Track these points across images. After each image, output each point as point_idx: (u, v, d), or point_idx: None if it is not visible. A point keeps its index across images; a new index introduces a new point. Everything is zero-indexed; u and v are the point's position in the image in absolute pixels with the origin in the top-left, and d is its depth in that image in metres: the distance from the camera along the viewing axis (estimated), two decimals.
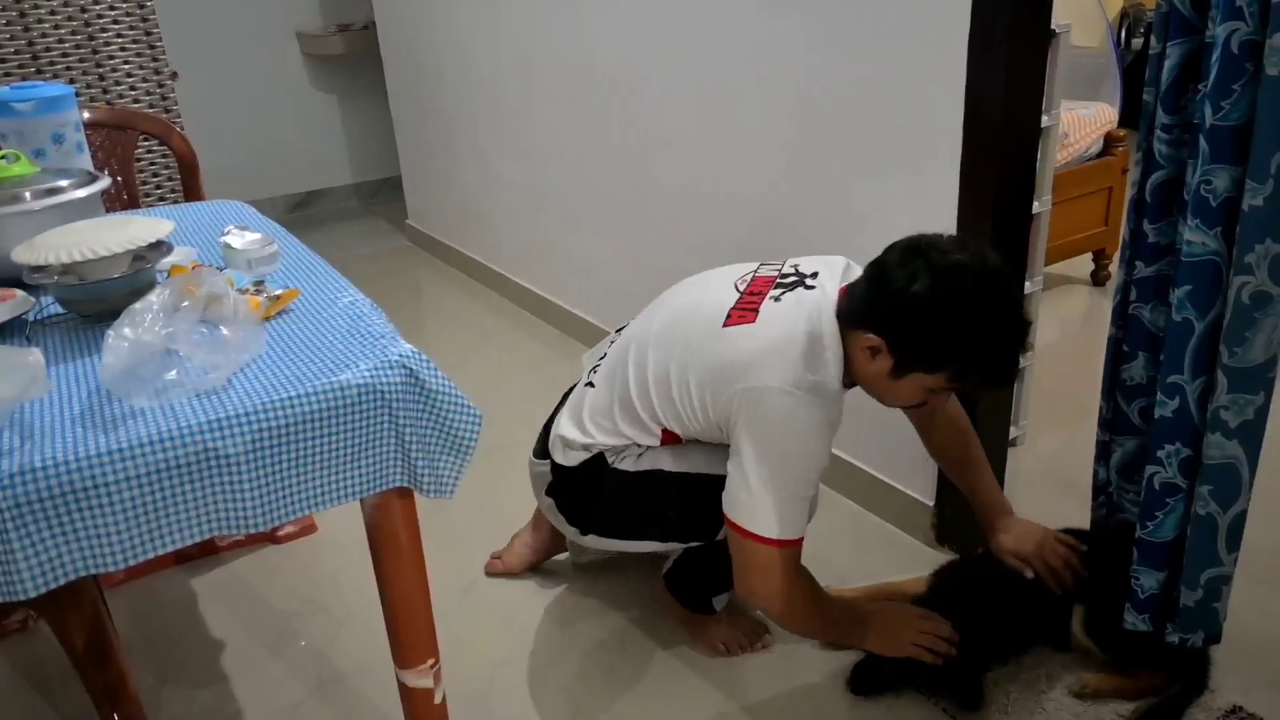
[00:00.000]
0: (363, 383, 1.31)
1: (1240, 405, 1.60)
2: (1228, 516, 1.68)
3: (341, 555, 2.44)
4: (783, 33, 2.36)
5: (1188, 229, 1.58)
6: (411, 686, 1.58)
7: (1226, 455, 1.63)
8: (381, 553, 1.49)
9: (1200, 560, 1.72)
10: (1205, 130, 1.51)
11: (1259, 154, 1.46)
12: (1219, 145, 1.51)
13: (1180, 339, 1.64)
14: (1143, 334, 1.80)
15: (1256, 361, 1.57)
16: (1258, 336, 1.55)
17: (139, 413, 1.24)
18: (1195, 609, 1.75)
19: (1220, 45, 1.46)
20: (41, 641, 2.16)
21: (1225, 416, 1.61)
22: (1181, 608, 1.76)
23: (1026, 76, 1.99)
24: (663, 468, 1.91)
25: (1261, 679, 1.90)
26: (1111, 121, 3.72)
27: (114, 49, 2.95)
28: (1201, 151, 1.53)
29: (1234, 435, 1.62)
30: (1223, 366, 1.58)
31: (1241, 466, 1.64)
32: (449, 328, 3.96)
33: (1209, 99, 1.49)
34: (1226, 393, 1.59)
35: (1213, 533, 1.69)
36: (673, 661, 2.05)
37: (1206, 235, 1.56)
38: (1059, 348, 3.37)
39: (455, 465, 1.43)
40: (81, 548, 1.17)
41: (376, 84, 4.93)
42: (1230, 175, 1.52)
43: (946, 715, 1.87)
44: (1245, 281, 1.52)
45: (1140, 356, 1.82)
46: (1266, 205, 1.47)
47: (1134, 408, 1.86)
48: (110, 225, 1.63)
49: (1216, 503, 1.67)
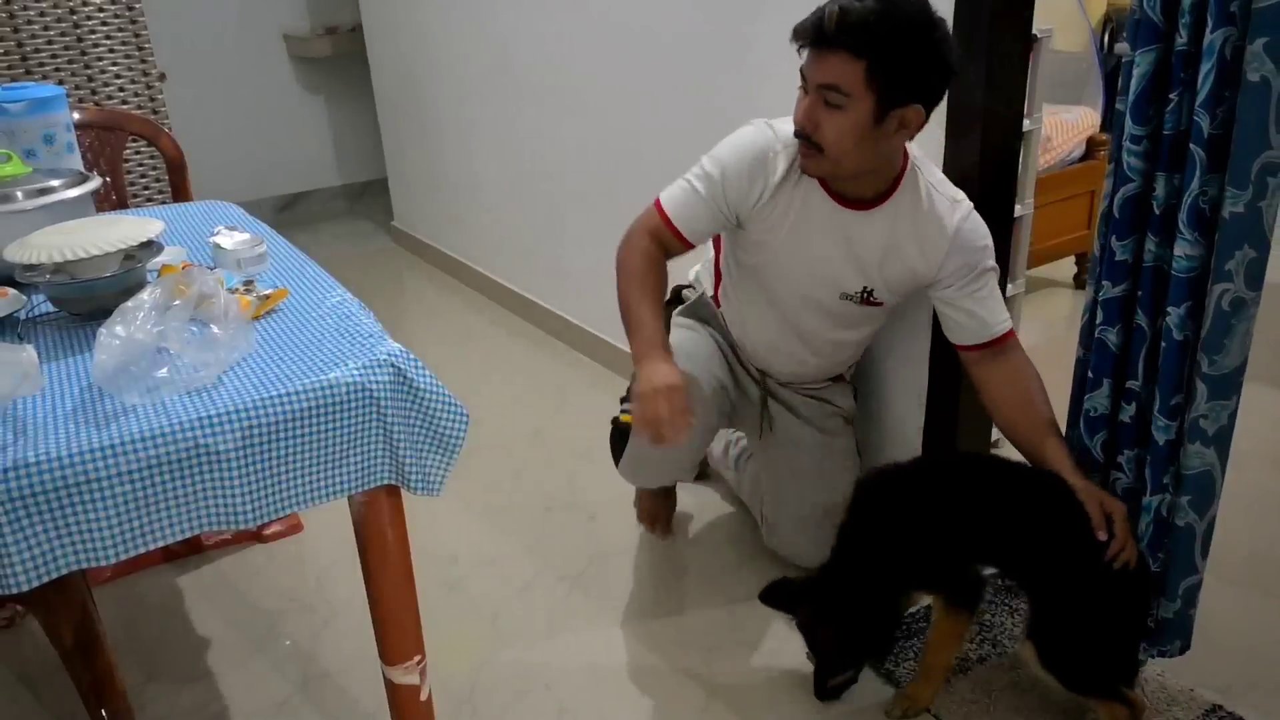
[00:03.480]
0: (351, 381, 1.33)
1: (1216, 412, 1.60)
2: (1203, 523, 1.68)
3: (327, 554, 2.45)
4: (764, 36, 2.38)
5: (1183, 243, 1.55)
6: (397, 683, 1.59)
7: (1205, 463, 1.63)
8: (368, 549, 1.51)
9: (1180, 571, 1.72)
10: (1202, 140, 1.49)
11: (1239, 160, 1.45)
12: (1216, 155, 1.49)
13: (1179, 360, 1.61)
14: (1107, 359, 1.76)
15: (1233, 367, 1.57)
16: (1234, 343, 1.55)
17: (130, 409, 1.25)
18: (1174, 620, 1.75)
19: (1215, 53, 1.44)
20: (29, 638, 2.16)
21: (1204, 425, 1.60)
22: (1160, 620, 1.76)
23: (1008, 81, 2.01)
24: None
25: (1239, 679, 1.92)
26: (1094, 126, 3.75)
27: (103, 50, 2.95)
28: (1197, 161, 1.50)
29: (1211, 443, 1.61)
30: (1202, 375, 1.57)
31: (1216, 472, 1.64)
32: (433, 328, 3.97)
33: (1203, 108, 1.47)
34: (1206, 401, 1.58)
35: (1190, 542, 1.69)
36: (656, 660, 2.07)
37: (1204, 248, 1.54)
38: (1041, 351, 3.35)
39: (442, 463, 1.45)
40: (74, 542, 1.19)
41: (363, 86, 4.93)
42: (1222, 184, 1.50)
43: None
44: (1225, 289, 1.52)
45: (1104, 384, 1.77)
46: (1246, 212, 1.46)
47: (1096, 441, 1.82)
48: (101, 225, 1.64)
49: (1194, 512, 1.66)
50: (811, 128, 1.72)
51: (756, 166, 1.87)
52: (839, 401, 2.24)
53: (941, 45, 1.67)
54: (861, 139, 1.71)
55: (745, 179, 1.87)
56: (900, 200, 1.87)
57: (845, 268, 1.94)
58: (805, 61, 1.70)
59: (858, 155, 1.75)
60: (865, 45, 1.62)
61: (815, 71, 1.68)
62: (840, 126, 1.70)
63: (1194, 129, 1.50)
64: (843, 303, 1.99)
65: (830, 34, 1.62)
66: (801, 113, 1.73)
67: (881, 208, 1.87)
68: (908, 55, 1.65)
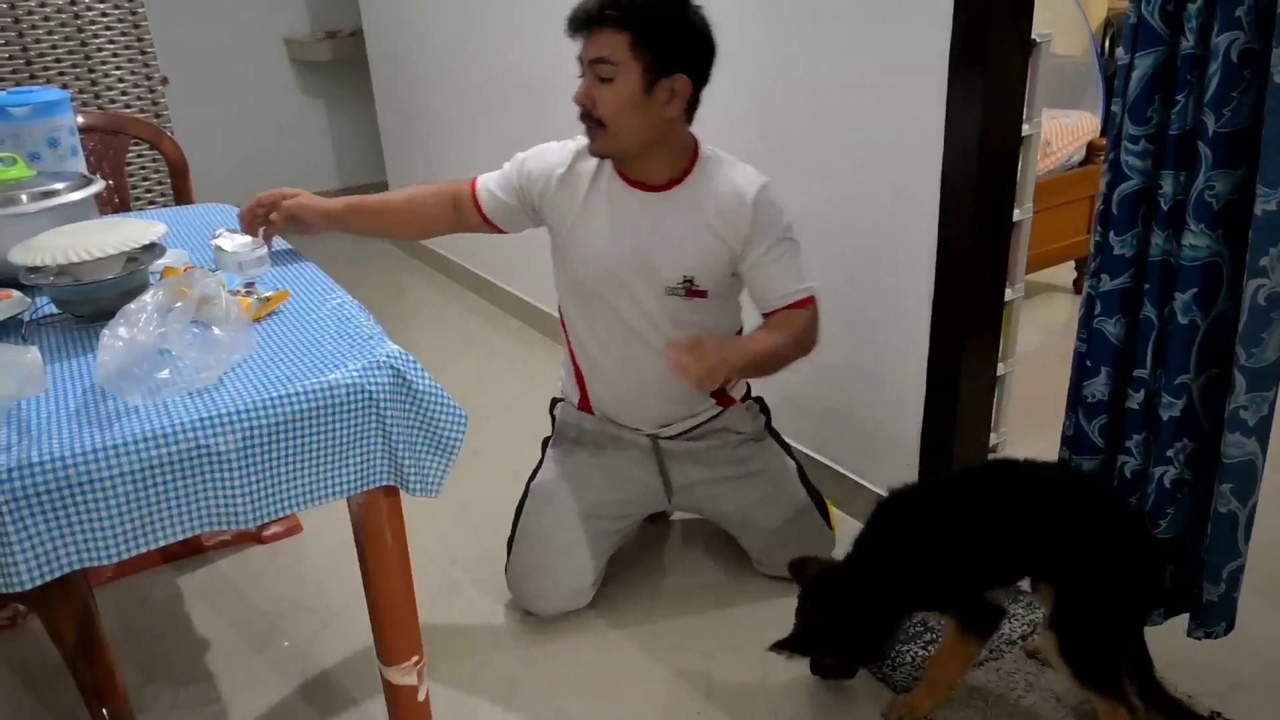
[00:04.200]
0: (351, 382, 1.34)
1: (1257, 404, 1.64)
2: (1245, 509, 1.72)
3: (325, 555, 2.46)
4: (762, 43, 2.39)
5: (1190, 234, 1.60)
6: (395, 684, 1.60)
7: (1246, 453, 1.67)
8: (367, 550, 1.52)
9: (1223, 555, 1.76)
10: (1207, 138, 1.55)
11: (1270, 159, 1.49)
12: (1221, 152, 1.55)
13: (1186, 341, 1.67)
14: (1106, 348, 1.81)
15: (1271, 360, 1.61)
16: (1273, 337, 1.59)
17: (133, 410, 1.27)
18: (1218, 603, 1.79)
19: (1221, 55, 1.50)
20: (30, 637, 2.17)
21: (1244, 416, 1.64)
22: (1205, 604, 1.80)
23: (1008, 85, 2.02)
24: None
25: (1239, 684, 1.92)
26: (1094, 130, 3.75)
27: (106, 55, 2.97)
28: (1204, 158, 1.56)
29: (1252, 433, 1.66)
30: (1240, 368, 1.61)
31: (1258, 461, 1.69)
32: (431, 330, 3.98)
33: (1209, 107, 1.53)
34: (1245, 393, 1.63)
35: (1233, 527, 1.73)
36: (653, 664, 2.08)
37: (1210, 238, 1.60)
38: (1040, 356, 3.40)
39: (441, 464, 1.46)
40: (76, 541, 1.20)
41: (363, 90, 4.95)
42: (1231, 180, 1.56)
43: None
44: (1260, 284, 1.56)
45: (1102, 372, 1.82)
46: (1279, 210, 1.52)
47: (1094, 426, 1.87)
48: (104, 227, 1.66)
49: (1237, 499, 1.71)
50: (590, 103, 1.86)
51: (552, 151, 2.07)
52: (740, 427, 2.22)
53: (696, 19, 1.86)
54: (636, 107, 1.84)
55: (540, 159, 2.06)
56: (698, 178, 1.97)
57: (659, 254, 1.97)
58: (580, 49, 1.86)
59: (637, 125, 1.87)
60: (629, 18, 1.79)
61: (587, 50, 1.84)
62: (615, 96, 1.83)
63: (1201, 128, 1.56)
64: (669, 299, 2.00)
65: (596, 14, 1.80)
66: (580, 92, 1.87)
67: (681, 186, 1.96)
68: (667, 25, 1.82)
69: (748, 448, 2.22)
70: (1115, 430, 1.86)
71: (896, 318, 2.24)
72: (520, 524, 2.21)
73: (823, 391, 2.50)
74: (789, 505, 2.22)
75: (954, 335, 2.15)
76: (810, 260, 1.99)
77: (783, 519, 2.20)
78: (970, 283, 2.11)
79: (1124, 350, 1.80)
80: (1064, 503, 1.77)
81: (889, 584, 1.79)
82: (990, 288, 2.17)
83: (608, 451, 2.22)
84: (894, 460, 2.34)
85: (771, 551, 2.23)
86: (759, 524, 2.22)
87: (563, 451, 2.26)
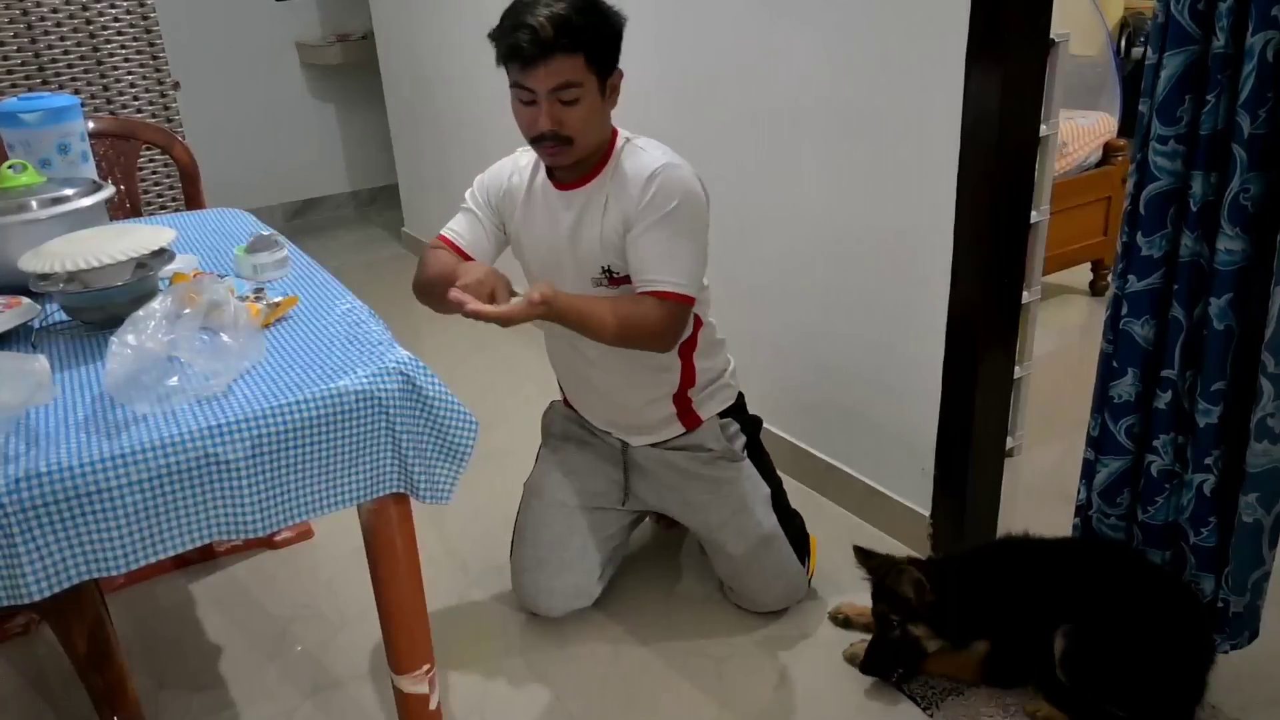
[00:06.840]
0: (360, 389, 1.33)
1: None
2: (1270, 518, 1.71)
3: (338, 561, 2.45)
4: (779, 42, 2.38)
5: (1225, 238, 1.59)
6: (407, 692, 1.59)
7: (1272, 460, 1.65)
8: (378, 558, 1.50)
9: (1249, 564, 1.75)
10: (1241, 139, 1.53)
11: None
12: (1257, 153, 1.53)
13: (1222, 347, 1.66)
14: (1134, 350, 1.80)
15: None
16: None
17: (141, 419, 1.26)
18: (1244, 613, 1.79)
19: (1256, 55, 1.48)
20: (43, 645, 2.17)
21: (1271, 424, 1.63)
22: (1231, 616, 1.79)
23: (1025, 86, 2.00)
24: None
25: (1260, 697, 1.89)
26: (1111, 131, 3.73)
27: (117, 60, 2.97)
28: (1239, 161, 1.54)
29: (1279, 440, 1.64)
30: (1268, 375, 1.60)
31: None
32: (442, 335, 3.97)
33: (1245, 109, 1.51)
34: (1273, 400, 1.61)
35: (1258, 536, 1.72)
36: (667, 671, 2.06)
37: (1245, 242, 1.59)
38: (1057, 358, 3.38)
39: (451, 471, 1.45)
40: (85, 552, 1.19)
41: (374, 94, 4.94)
42: (1265, 181, 1.55)
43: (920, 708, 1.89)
44: None
45: (1129, 373, 1.81)
46: None
47: (1121, 426, 1.86)
48: (114, 233, 1.65)
49: (1262, 508, 1.69)
50: (559, 126, 1.84)
51: (500, 165, 2.13)
52: (710, 444, 2.17)
53: (614, 16, 1.89)
54: (597, 114, 1.89)
55: (493, 174, 2.12)
56: (612, 167, 1.97)
57: (582, 247, 1.98)
58: (523, 76, 1.82)
59: (597, 128, 1.91)
60: (579, 40, 1.79)
61: (544, 79, 1.80)
62: (582, 115, 1.85)
63: (1235, 129, 1.54)
64: (596, 290, 2.00)
65: (549, 42, 1.76)
66: (543, 118, 1.84)
67: (599, 178, 1.96)
68: (604, 32, 1.85)
69: (718, 466, 2.17)
70: (1144, 431, 1.84)
71: (912, 321, 2.22)
72: (516, 523, 2.24)
73: (838, 396, 2.48)
74: (753, 533, 2.14)
75: (970, 338, 2.13)
76: (825, 262, 1.97)
77: (745, 546, 2.14)
78: (987, 285, 2.09)
79: (1152, 351, 1.78)
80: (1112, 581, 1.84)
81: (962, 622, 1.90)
82: (1007, 290, 2.14)
83: (589, 444, 2.26)
84: (909, 465, 2.32)
85: (738, 578, 2.19)
86: (724, 548, 2.16)
87: (550, 449, 2.31)
